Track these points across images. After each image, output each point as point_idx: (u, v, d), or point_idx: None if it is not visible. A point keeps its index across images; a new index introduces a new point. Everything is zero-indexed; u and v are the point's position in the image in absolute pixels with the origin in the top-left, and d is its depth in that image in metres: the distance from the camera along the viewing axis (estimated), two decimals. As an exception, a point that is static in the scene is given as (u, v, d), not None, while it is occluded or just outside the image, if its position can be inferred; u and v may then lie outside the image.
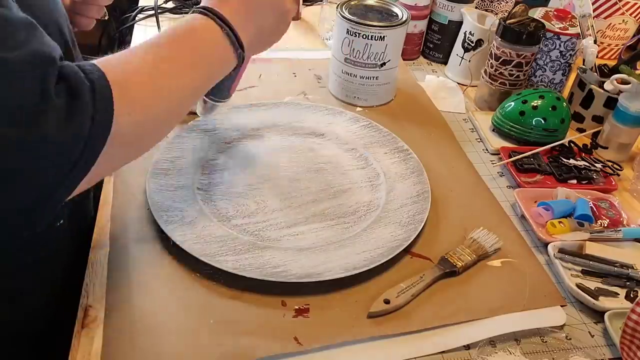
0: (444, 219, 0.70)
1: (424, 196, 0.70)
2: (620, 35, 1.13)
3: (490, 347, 0.55)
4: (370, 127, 0.83)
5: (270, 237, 0.63)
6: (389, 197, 0.70)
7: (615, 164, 0.80)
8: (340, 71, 0.92)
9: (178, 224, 0.62)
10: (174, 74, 0.50)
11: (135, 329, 0.52)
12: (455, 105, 0.96)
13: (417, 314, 0.57)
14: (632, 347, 0.53)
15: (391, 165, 0.76)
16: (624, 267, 0.63)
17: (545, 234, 0.68)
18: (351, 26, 0.86)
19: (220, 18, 0.54)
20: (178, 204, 0.65)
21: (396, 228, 0.65)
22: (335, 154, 0.78)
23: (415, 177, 0.73)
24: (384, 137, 0.81)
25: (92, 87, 0.41)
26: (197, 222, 0.63)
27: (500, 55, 0.90)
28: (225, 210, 0.66)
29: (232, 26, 0.54)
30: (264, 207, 0.67)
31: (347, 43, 0.88)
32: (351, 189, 0.72)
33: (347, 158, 0.78)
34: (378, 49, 0.87)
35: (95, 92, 0.41)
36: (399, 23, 0.87)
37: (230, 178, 0.71)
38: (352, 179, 0.74)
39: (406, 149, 0.78)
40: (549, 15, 0.95)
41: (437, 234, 0.67)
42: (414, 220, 0.66)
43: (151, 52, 0.49)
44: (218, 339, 0.52)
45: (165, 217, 0.62)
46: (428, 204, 0.68)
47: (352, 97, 0.93)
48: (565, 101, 0.86)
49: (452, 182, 0.76)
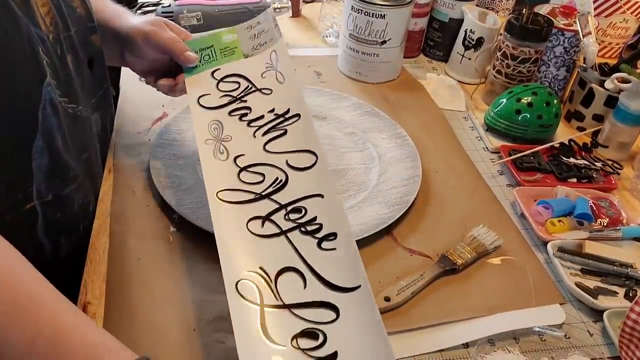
0: (444, 217, 0.70)
1: (415, 180, 0.72)
2: (621, 34, 1.13)
3: (489, 346, 0.55)
4: (372, 113, 0.85)
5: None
6: (380, 179, 0.73)
7: (615, 163, 0.80)
8: (345, 46, 0.97)
9: (175, 190, 0.65)
10: None
11: (134, 325, 0.52)
12: (455, 103, 0.96)
13: (417, 311, 0.57)
14: (630, 346, 0.53)
15: (388, 149, 0.78)
16: (623, 266, 0.63)
17: (544, 233, 0.68)
18: (355, 3, 0.91)
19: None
20: (178, 172, 0.68)
21: (382, 207, 0.67)
22: (334, 136, 0.81)
23: (410, 161, 0.75)
24: (384, 123, 0.83)
25: None
26: (194, 190, 0.66)
27: (519, 54, 0.90)
28: None
29: None
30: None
31: (351, 19, 0.93)
32: (345, 169, 0.75)
33: (346, 141, 0.80)
34: (379, 27, 0.91)
35: None
36: (401, 4, 0.91)
37: None
38: (348, 161, 0.76)
39: (404, 135, 0.80)
40: (554, 11, 0.95)
41: (437, 231, 0.67)
42: (401, 201, 0.68)
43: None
44: (217, 336, 0.52)
45: (164, 182, 0.65)
46: (417, 187, 0.70)
47: (355, 72, 0.98)
48: (556, 95, 0.87)
49: (452, 180, 0.76)
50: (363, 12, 0.91)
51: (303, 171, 0.58)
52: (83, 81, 0.62)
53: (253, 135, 0.62)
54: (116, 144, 0.75)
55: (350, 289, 0.48)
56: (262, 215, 0.54)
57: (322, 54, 1.05)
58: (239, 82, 0.67)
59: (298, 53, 1.05)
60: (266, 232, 0.53)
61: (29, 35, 0.50)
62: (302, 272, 0.50)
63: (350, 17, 0.93)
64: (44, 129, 0.53)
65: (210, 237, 0.60)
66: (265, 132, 0.62)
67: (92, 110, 0.66)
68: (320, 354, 0.44)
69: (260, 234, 0.52)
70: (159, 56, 0.68)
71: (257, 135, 0.62)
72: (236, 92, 0.66)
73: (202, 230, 0.61)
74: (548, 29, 0.89)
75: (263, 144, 0.61)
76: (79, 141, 0.61)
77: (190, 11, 1.00)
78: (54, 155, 0.55)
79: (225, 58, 0.69)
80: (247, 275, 0.48)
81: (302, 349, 0.44)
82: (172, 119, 0.79)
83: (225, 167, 0.58)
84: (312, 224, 0.53)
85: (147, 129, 0.78)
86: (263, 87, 0.67)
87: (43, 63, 0.52)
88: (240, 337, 0.44)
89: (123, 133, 0.77)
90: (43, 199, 0.56)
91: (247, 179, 0.58)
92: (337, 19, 1.08)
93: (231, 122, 0.63)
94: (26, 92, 0.51)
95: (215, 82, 0.67)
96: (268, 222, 0.53)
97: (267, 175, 0.58)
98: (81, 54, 0.62)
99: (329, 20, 1.10)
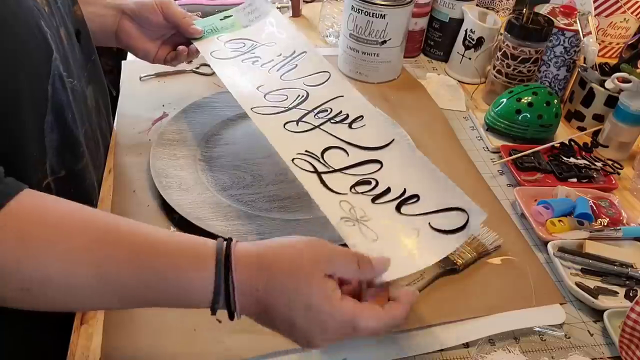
0: (444, 217, 0.70)
1: None
2: (622, 33, 1.13)
3: (489, 346, 0.55)
4: None
5: (261, 207, 0.66)
6: None
7: (616, 163, 0.80)
8: (345, 46, 0.97)
9: (175, 189, 0.66)
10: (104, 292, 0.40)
11: (135, 325, 0.52)
12: (455, 103, 0.96)
13: (417, 311, 0.57)
14: (631, 345, 0.53)
15: None
16: (624, 266, 0.63)
17: (545, 233, 0.68)
18: (355, 2, 0.91)
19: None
20: (178, 171, 0.69)
21: None
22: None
23: None
24: (385, 121, 0.82)
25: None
26: (193, 189, 0.67)
27: (519, 54, 0.90)
28: (223, 181, 0.69)
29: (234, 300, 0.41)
30: (259, 180, 0.70)
31: (352, 19, 0.93)
32: None
33: None
34: (379, 27, 0.91)
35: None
36: (401, 4, 0.91)
37: (232, 152, 0.74)
38: None
39: (404, 134, 0.79)
40: (554, 11, 0.95)
41: (437, 231, 0.67)
42: None
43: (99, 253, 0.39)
44: (217, 336, 0.52)
45: (164, 182, 0.66)
46: None
47: (355, 72, 0.98)
48: (557, 95, 0.87)
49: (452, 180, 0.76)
50: (363, 12, 0.91)
51: (320, 85, 0.68)
52: (74, 54, 0.63)
53: (268, 72, 0.71)
54: (116, 144, 0.75)
55: (386, 145, 0.59)
56: (294, 119, 0.63)
57: (322, 53, 1.04)
58: (243, 43, 0.77)
59: (298, 53, 1.04)
60: (302, 129, 0.62)
61: (30, 8, 0.50)
62: (341, 147, 0.60)
63: (350, 17, 0.93)
64: (54, 103, 0.54)
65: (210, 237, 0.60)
66: (278, 69, 0.72)
67: (85, 84, 0.66)
68: (376, 192, 0.55)
69: (297, 131, 0.62)
70: (164, 30, 0.76)
71: (272, 72, 0.71)
72: (243, 48, 0.75)
73: (202, 230, 0.61)
74: (548, 28, 0.89)
75: (279, 76, 0.70)
76: (79, 116, 0.61)
77: (191, 11, 1.00)
78: (64, 130, 0.56)
79: (226, 29, 0.79)
80: (297, 156, 0.58)
81: (360, 192, 0.55)
82: (172, 119, 0.79)
83: (251, 92, 0.68)
84: (340, 115, 0.64)
85: (147, 129, 0.78)
86: (266, 42, 0.76)
87: (47, 36, 0.52)
88: (311, 192, 0.53)
89: (123, 133, 0.77)
90: (56, 174, 0.56)
91: (273, 99, 0.67)
92: (337, 19, 1.08)
93: (245, 66, 0.72)
94: (38, 67, 0.51)
95: (222, 43, 0.76)
96: (301, 123, 0.63)
97: (290, 95, 0.67)
98: (70, 25, 0.62)
99: (329, 20, 1.10)
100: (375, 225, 0.51)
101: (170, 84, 0.89)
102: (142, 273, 0.39)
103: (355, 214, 0.52)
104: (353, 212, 0.53)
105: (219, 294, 0.40)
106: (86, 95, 0.66)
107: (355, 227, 0.51)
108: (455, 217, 0.52)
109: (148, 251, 0.40)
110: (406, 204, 0.54)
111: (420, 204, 0.54)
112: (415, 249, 0.50)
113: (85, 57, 0.68)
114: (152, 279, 0.39)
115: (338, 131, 0.62)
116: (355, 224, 0.51)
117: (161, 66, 0.80)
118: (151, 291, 0.40)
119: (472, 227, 0.51)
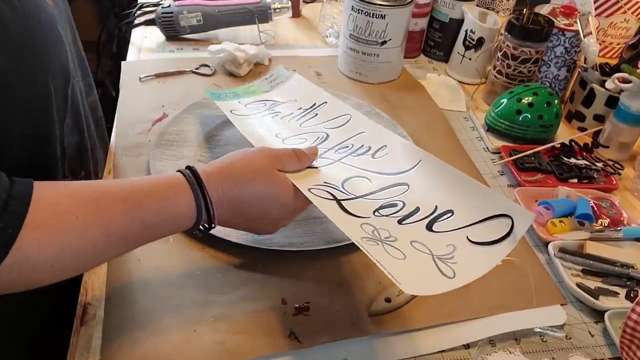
0: (444, 218, 0.70)
1: None
2: (622, 34, 1.13)
3: (489, 347, 0.55)
4: (372, 113, 0.85)
5: None
6: None
7: (616, 163, 0.80)
8: (345, 46, 0.97)
9: None
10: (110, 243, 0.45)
11: (134, 326, 0.52)
12: (455, 103, 0.96)
13: (418, 312, 0.57)
14: (632, 346, 0.53)
15: None
16: (625, 267, 0.63)
17: (545, 233, 0.68)
18: (355, 3, 0.91)
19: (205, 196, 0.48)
20: None
21: None
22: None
23: None
24: (385, 123, 0.82)
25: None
26: None
27: (519, 55, 0.90)
28: None
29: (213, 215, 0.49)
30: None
31: (352, 19, 0.93)
32: None
33: None
34: (379, 27, 0.91)
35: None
36: (401, 4, 0.90)
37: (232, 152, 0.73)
38: None
39: (405, 135, 0.80)
40: (555, 11, 0.95)
41: (437, 232, 0.67)
42: None
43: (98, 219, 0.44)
44: (218, 337, 0.52)
45: None
46: None
47: (355, 72, 0.98)
48: (557, 95, 0.87)
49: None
50: (363, 12, 0.91)
51: (341, 127, 0.67)
52: (79, 54, 0.63)
53: (287, 122, 0.71)
54: (116, 145, 0.75)
55: (411, 168, 0.58)
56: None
57: (322, 54, 1.05)
58: (264, 103, 0.76)
59: (298, 53, 1.04)
60: (322, 164, 0.60)
61: (48, 13, 0.50)
62: (364, 176, 0.58)
63: (350, 18, 0.93)
64: (72, 106, 0.55)
65: (210, 238, 0.60)
66: (298, 119, 0.71)
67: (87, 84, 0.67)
68: (403, 213, 0.53)
69: (317, 166, 0.59)
70: None
71: (291, 122, 0.71)
72: (263, 108, 0.74)
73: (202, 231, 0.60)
74: (549, 29, 0.89)
75: (299, 124, 0.70)
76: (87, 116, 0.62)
77: (190, 11, 1.00)
78: (79, 132, 0.57)
79: (248, 95, 0.78)
80: (315, 187, 0.55)
81: (385, 215, 0.52)
82: (172, 120, 0.78)
83: (269, 139, 0.67)
84: (362, 149, 0.63)
85: (147, 130, 0.78)
86: (287, 100, 0.76)
87: (62, 39, 0.53)
88: (329, 215, 0.51)
89: (123, 134, 0.77)
90: (77, 176, 0.58)
91: (291, 143, 0.66)
92: (338, 19, 1.08)
93: (265, 120, 0.72)
94: (61, 71, 0.52)
95: (243, 105, 0.75)
96: (320, 159, 0.61)
97: (309, 138, 0.66)
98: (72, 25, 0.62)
99: (329, 21, 1.10)
100: (402, 244, 0.49)
101: (170, 85, 0.89)
102: (139, 216, 0.45)
103: (378, 235, 0.50)
104: (376, 233, 0.50)
105: (200, 210, 0.48)
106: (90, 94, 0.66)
107: (378, 246, 0.48)
108: (497, 225, 0.49)
109: (137, 198, 0.46)
110: (439, 220, 0.52)
111: (455, 219, 0.52)
112: (454, 265, 0.47)
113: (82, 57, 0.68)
114: (148, 218, 0.46)
115: (360, 163, 0.60)
116: (379, 243, 0.49)
117: (161, 67, 0.80)
118: (149, 229, 0.47)
119: (518, 231, 0.48)
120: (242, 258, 0.60)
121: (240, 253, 0.60)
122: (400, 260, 0.47)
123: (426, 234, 0.50)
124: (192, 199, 0.48)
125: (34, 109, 0.49)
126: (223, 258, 0.60)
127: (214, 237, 0.60)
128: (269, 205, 0.52)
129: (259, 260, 0.60)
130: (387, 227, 0.51)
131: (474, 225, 0.50)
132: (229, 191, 0.50)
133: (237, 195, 0.50)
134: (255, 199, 0.51)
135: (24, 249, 0.39)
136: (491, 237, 0.49)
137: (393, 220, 0.52)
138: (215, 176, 0.50)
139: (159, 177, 0.50)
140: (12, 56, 0.44)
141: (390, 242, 0.49)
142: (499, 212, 0.50)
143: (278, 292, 0.57)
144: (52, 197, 0.42)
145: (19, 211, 0.39)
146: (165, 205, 0.47)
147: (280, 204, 0.53)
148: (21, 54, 0.45)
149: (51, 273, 0.42)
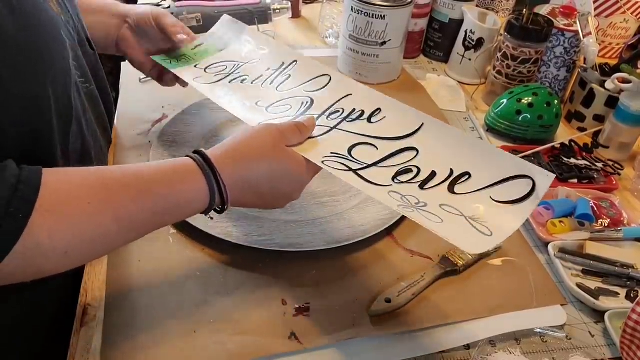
0: (444, 218, 0.70)
1: None
2: (622, 34, 1.13)
3: (490, 347, 0.55)
4: None
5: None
6: None
7: (616, 164, 0.80)
8: (345, 47, 0.97)
9: None
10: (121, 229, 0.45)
11: (134, 326, 0.52)
12: (455, 104, 0.96)
13: (418, 313, 0.57)
14: (632, 347, 0.53)
15: None
16: (625, 267, 0.63)
17: (545, 234, 0.68)
18: (355, 3, 0.91)
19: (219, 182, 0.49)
20: None
21: (383, 209, 0.67)
22: None
23: None
24: None
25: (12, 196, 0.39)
26: None
27: (519, 55, 0.90)
28: None
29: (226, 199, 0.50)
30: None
31: (351, 20, 0.93)
32: None
33: None
34: (379, 28, 0.91)
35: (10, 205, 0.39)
36: (401, 4, 0.90)
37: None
38: None
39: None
40: (554, 12, 0.95)
41: (437, 232, 0.67)
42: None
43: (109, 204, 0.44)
44: (218, 338, 0.52)
45: None
46: None
47: (355, 73, 0.98)
48: (557, 96, 0.87)
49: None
50: (363, 12, 0.91)
51: (322, 89, 0.64)
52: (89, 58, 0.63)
53: (261, 86, 0.67)
54: (116, 145, 0.75)
55: (416, 131, 0.56)
56: None
57: (322, 54, 1.05)
58: (225, 65, 0.72)
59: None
60: (318, 132, 0.58)
61: (52, 18, 0.50)
62: (367, 142, 0.57)
63: (350, 18, 0.93)
64: (76, 112, 0.54)
65: (209, 238, 0.60)
66: (271, 82, 0.67)
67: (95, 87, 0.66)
68: (421, 178, 0.52)
69: (314, 135, 0.57)
70: (161, 43, 0.75)
71: (265, 86, 0.67)
72: (226, 70, 0.71)
73: (202, 232, 0.61)
74: (548, 29, 0.89)
75: (274, 88, 0.66)
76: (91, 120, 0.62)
77: (190, 12, 1.00)
78: (83, 138, 0.57)
79: (201, 57, 0.74)
80: (325, 159, 0.54)
81: (405, 182, 0.52)
82: (172, 121, 0.78)
83: (252, 108, 0.63)
84: (354, 113, 0.60)
85: (147, 131, 0.78)
86: (248, 60, 0.71)
87: (66, 45, 0.52)
88: (357, 186, 0.51)
89: (123, 134, 0.77)
90: None
91: (276, 111, 0.63)
92: (337, 20, 1.08)
93: (235, 86, 0.67)
94: (63, 77, 0.52)
95: (201, 70, 0.71)
96: (316, 127, 0.58)
97: (293, 104, 0.63)
98: (81, 31, 0.62)
99: (328, 21, 1.10)
100: (434, 209, 0.48)
101: (170, 85, 0.89)
102: (148, 203, 0.46)
103: (409, 202, 0.49)
104: (406, 200, 0.49)
105: (214, 195, 0.49)
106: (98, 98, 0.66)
107: (415, 212, 0.48)
108: (518, 185, 0.49)
109: (147, 184, 0.46)
110: (458, 183, 0.51)
111: (474, 181, 0.51)
112: (486, 223, 0.47)
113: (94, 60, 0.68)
114: (157, 205, 0.46)
115: (358, 128, 0.58)
116: (414, 210, 0.48)
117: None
118: (158, 215, 0.47)
119: (540, 190, 0.48)
120: (242, 258, 0.60)
121: (240, 253, 0.60)
122: (441, 224, 0.47)
123: (451, 197, 0.50)
124: (204, 184, 0.48)
125: (30, 108, 0.48)
126: (223, 258, 0.60)
127: (214, 237, 0.60)
128: (280, 182, 0.52)
129: (259, 260, 0.60)
130: (412, 194, 0.51)
131: (494, 186, 0.50)
132: (240, 172, 0.50)
133: (248, 176, 0.50)
134: (267, 177, 0.51)
135: (35, 234, 0.39)
136: (513, 196, 0.49)
137: (414, 185, 0.52)
138: (225, 159, 0.50)
139: (167, 163, 0.50)
140: (9, 53, 0.44)
141: (422, 207, 0.49)
142: (519, 173, 0.50)
143: (278, 292, 0.57)
144: (62, 184, 0.43)
145: (29, 196, 0.40)
146: (177, 190, 0.47)
147: (292, 179, 0.53)
148: (19, 51, 0.45)
149: (62, 260, 0.42)
